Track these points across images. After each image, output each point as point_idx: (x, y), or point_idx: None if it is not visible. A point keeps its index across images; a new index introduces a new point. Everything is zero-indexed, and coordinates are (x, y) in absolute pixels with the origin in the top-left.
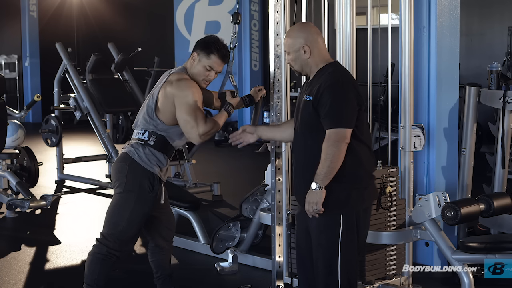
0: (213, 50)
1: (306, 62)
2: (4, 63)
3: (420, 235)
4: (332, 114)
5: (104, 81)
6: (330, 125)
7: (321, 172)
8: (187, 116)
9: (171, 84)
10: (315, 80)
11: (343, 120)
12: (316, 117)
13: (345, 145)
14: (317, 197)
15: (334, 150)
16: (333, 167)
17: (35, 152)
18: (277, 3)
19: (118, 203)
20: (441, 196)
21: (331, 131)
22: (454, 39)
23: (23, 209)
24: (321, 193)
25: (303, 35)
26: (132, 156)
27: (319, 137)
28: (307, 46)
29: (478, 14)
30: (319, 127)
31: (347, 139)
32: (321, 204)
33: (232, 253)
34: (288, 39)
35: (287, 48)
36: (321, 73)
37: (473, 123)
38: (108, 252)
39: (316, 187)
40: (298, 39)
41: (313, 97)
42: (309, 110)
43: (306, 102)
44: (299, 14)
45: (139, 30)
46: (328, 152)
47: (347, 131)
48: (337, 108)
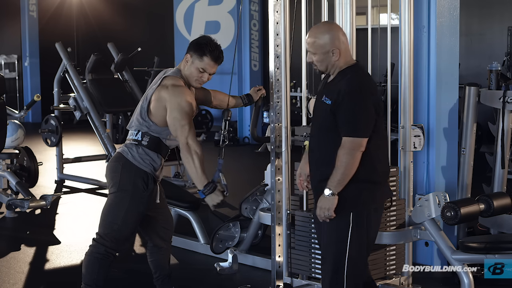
0: (205, 52)
1: (333, 64)
2: (3, 63)
3: (420, 235)
4: (349, 122)
5: (104, 81)
6: (346, 133)
7: (335, 179)
8: (178, 114)
9: (166, 88)
10: (335, 83)
11: (360, 129)
12: (333, 121)
13: (359, 153)
14: (330, 203)
15: (348, 159)
16: (347, 174)
17: (35, 152)
18: (277, 3)
19: (113, 203)
20: (441, 196)
21: (347, 139)
22: (454, 39)
23: (23, 209)
24: (334, 200)
25: (332, 37)
26: (125, 156)
27: (333, 139)
28: (337, 49)
29: (478, 14)
30: (334, 130)
31: (362, 148)
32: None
33: (232, 253)
34: (316, 40)
35: (314, 49)
36: (341, 76)
37: (473, 123)
38: (106, 251)
39: (329, 193)
40: (327, 40)
41: (332, 101)
42: (327, 113)
43: (325, 104)
44: (299, 14)
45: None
46: (343, 160)
47: (363, 140)
48: (354, 117)
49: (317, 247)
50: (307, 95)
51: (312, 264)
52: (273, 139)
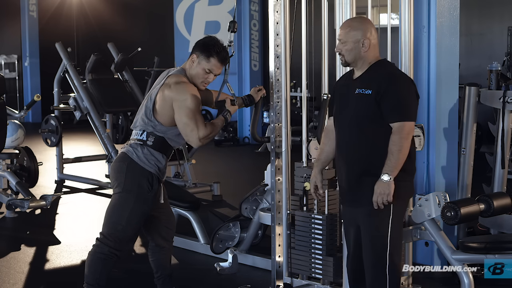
0: (212, 53)
1: (361, 55)
2: (4, 63)
3: (420, 235)
4: (401, 107)
5: (104, 81)
6: (400, 118)
7: (393, 163)
8: (187, 119)
9: (169, 87)
10: (371, 75)
11: (411, 113)
12: (377, 111)
13: (411, 137)
14: (390, 187)
15: (404, 142)
16: (402, 158)
17: (35, 152)
18: (277, 3)
19: (117, 203)
20: (441, 196)
21: (402, 124)
22: (454, 39)
23: (23, 209)
24: (392, 184)
25: (366, 28)
26: (130, 156)
27: (378, 130)
28: (368, 40)
29: (478, 14)
30: (378, 121)
31: (413, 131)
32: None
33: (232, 253)
34: (349, 29)
35: (346, 38)
36: (376, 69)
37: (473, 123)
38: (109, 251)
39: (388, 178)
40: (360, 31)
41: (373, 91)
42: (369, 103)
43: (364, 96)
44: (299, 14)
45: (139, 30)
46: (400, 144)
47: (413, 124)
48: (406, 101)
49: (317, 247)
50: (307, 95)
51: (312, 264)
52: (273, 139)
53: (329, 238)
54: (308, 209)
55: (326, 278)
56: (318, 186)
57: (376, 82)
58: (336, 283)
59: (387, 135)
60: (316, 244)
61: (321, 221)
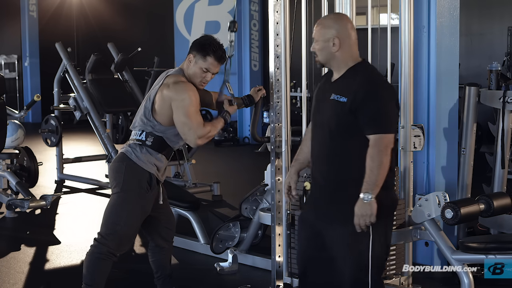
0: (209, 52)
1: (333, 55)
2: (3, 63)
3: (420, 235)
4: (379, 118)
5: (104, 81)
6: (378, 129)
7: (372, 181)
8: (185, 118)
9: (168, 87)
10: (347, 80)
11: (389, 125)
12: (352, 120)
13: (391, 150)
14: (372, 208)
15: (383, 157)
16: (383, 174)
17: (35, 152)
18: (277, 3)
19: (116, 203)
20: (441, 196)
21: (380, 136)
22: (454, 39)
23: (23, 209)
24: (374, 204)
25: (336, 27)
26: (129, 156)
27: (354, 141)
28: (338, 38)
29: (478, 14)
30: (354, 131)
31: (392, 144)
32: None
33: (232, 253)
34: (320, 27)
35: (317, 36)
36: (353, 72)
37: (473, 123)
38: (108, 252)
39: (370, 198)
40: (330, 29)
41: (349, 98)
42: (343, 112)
43: (339, 103)
44: (299, 14)
45: (139, 30)
46: (378, 160)
47: (393, 136)
48: (384, 112)
49: None
50: (307, 95)
51: None
52: (273, 139)
53: None
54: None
55: None
56: (292, 187)
57: (352, 89)
58: None
59: (363, 147)
60: None
61: None
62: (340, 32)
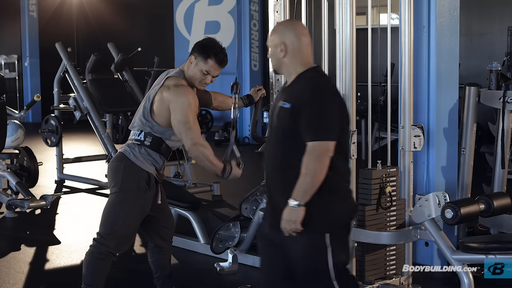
0: (210, 55)
1: (281, 61)
2: (4, 63)
3: (420, 235)
4: (315, 125)
5: (104, 81)
6: (313, 137)
7: (301, 188)
8: (183, 118)
9: (168, 89)
10: (294, 86)
11: (327, 132)
12: (295, 126)
13: (328, 159)
14: (297, 214)
15: (316, 165)
16: (315, 182)
17: (35, 152)
18: (277, 3)
19: (115, 203)
20: (441, 196)
21: (314, 143)
22: (454, 39)
23: (23, 209)
24: (300, 211)
25: (284, 32)
26: (128, 156)
27: (297, 147)
28: (284, 45)
29: (478, 14)
30: (297, 137)
31: (330, 152)
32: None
33: (232, 253)
34: (271, 32)
35: (268, 42)
36: (300, 79)
37: (473, 123)
38: (107, 251)
39: (295, 204)
40: (278, 35)
41: (292, 104)
42: (287, 118)
43: (284, 109)
44: (299, 14)
45: (139, 30)
46: (310, 167)
47: (331, 143)
48: (320, 118)
49: None
50: None
51: None
52: None
53: None
54: None
55: None
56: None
57: (295, 94)
58: None
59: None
60: None
61: None
62: (287, 38)
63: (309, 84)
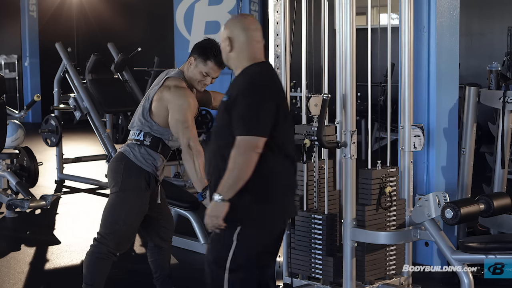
0: (210, 57)
1: (228, 56)
2: (3, 63)
3: (420, 235)
4: (244, 119)
5: (104, 81)
6: (241, 131)
7: (226, 183)
8: (180, 117)
9: (168, 89)
10: (235, 80)
11: (256, 127)
12: (229, 121)
13: (256, 155)
14: (219, 209)
15: (242, 160)
16: (239, 178)
17: (35, 152)
18: (277, 3)
19: (115, 202)
20: (441, 196)
21: (241, 138)
22: (454, 39)
23: (23, 209)
24: (224, 206)
25: (231, 27)
26: (127, 156)
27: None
28: (229, 39)
29: (478, 14)
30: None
31: (258, 149)
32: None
33: None
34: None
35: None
36: (243, 73)
37: (473, 123)
38: (107, 251)
39: (219, 198)
40: (226, 30)
41: (228, 98)
42: (223, 111)
43: (222, 103)
44: (299, 14)
45: (139, 30)
46: (236, 162)
47: (260, 139)
48: (250, 113)
49: (317, 247)
50: (307, 95)
51: (312, 264)
52: None
53: (329, 238)
54: (308, 209)
55: (326, 278)
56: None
57: (233, 88)
58: (336, 283)
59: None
60: (316, 244)
61: (321, 221)
62: (233, 32)
63: (247, 79)
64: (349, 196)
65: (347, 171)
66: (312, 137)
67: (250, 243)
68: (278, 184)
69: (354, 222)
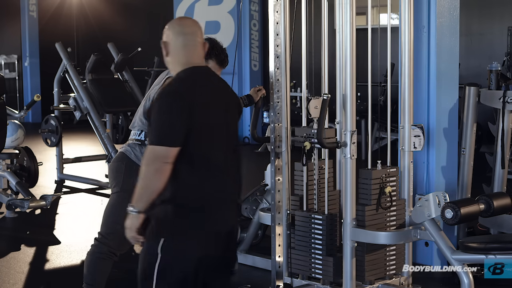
0: (211, 56)
1: (166, 61)
2: (4, 63)
3: (420, 235)
4: (153, 128)
5: (104, 81)
6: (150, 140)
7: (137, 193)
8: None
9: None
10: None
11: (163, 137)
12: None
13: (164, 165)
14: (132, 222)
15: (149, 170)
16: (146, 189)
17: (35, 152)
18: (277, 3)
19: (116, 202)
20: (441, 196)
21: (150, 147)
22: (454, 39)
23: (23, 209)
24: (136, 218)
25: (167, 31)
26: (128, 156)
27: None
28: (164, 43)
29: (478, 14)
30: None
31: (166, 159)
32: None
33: None
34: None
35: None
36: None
37: (473, 123)
38: (108, 251)
39: (132, 210)
40: (164, 34)
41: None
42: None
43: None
44: (299, 14)
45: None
46: (144, 172)
47: (169, 150)
48: (158, 122)
49: (317, 247)
50: (307, 95)
51: (312, 264)
52: (273, 139)
53: (329, 238)
54: (308, 209)
55: (326, 278)
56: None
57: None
58: (336, 283)
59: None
60: (316, 244)
61: (321, 221)
62: (168, 37)
63: (167, 85)
64: (349, 196)
65: (347, 171)
66: (312, 139)
67: (176, 256)
68: (200, 196)
69: (354, 222)
